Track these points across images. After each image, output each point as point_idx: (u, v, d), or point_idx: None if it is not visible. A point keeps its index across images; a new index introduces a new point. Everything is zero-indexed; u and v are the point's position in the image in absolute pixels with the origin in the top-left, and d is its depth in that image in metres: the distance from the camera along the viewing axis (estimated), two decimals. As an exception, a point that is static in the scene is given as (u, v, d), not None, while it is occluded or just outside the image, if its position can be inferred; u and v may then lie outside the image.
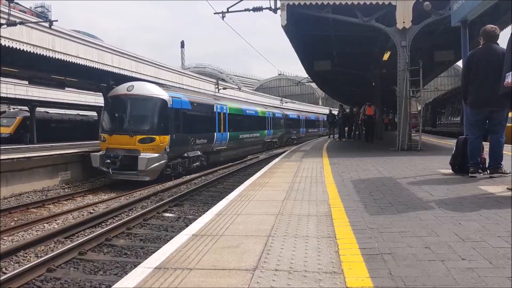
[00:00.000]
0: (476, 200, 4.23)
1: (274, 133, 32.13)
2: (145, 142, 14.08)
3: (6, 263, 6.21)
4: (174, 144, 15.00)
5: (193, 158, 17.12)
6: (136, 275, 2.46)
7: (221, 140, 20.45)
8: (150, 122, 14.67)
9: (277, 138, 33.36)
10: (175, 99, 15.70)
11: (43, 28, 17.01)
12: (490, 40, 5.55)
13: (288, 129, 36.82)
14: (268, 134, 30.31)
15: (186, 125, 16.27)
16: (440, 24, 13.73)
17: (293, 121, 39.21)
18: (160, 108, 14.87)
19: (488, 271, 2.28)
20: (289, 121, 37.22)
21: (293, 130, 39.01)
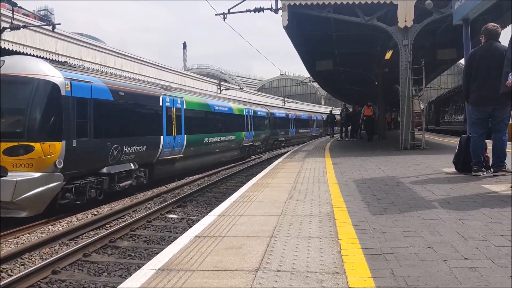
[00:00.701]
0: (479, 199, 4.22)
1: (256, 135, 26.14)
2: (15, 153, 8.66)
3: (12, 265, 6.24)
4: (76, 155, 9.56)
5: (119, 175, 11.26)
6: (140, 277, 2.47)
7: (173, 147, 14.46)
8: (25, 119, 9.06)
9: (260, 140, 27.46)
10: (78, 83, 9.90)
11: (46, 32, 17.11)
12: (492, 38, 5.56)
13: (274, 130, 31.26)
14: (247, 137, 24.18)
15: (103, 125, 10.72)
16: (442, 23, 13.71)
17: (280, 120, 33.56)
18: (47, 97, 9.26)
19: (490, 270, 2.28)
20: (275, 121, 31.87)
21: (280, 131, 33.36)
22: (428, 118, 34.36)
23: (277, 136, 33.02)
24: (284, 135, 35.03)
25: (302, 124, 41.83)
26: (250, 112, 25.16)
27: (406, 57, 12.28)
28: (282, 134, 34.11)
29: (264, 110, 29.57)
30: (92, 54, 20.21)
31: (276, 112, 33.15)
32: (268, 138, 30.01)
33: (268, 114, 30.06)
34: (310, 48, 18.13)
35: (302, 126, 41.62)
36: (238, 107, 23.49)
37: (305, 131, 42.64)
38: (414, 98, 12.66)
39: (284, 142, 34.83)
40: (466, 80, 5.73)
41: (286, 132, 35.42)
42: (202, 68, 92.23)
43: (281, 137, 34.07)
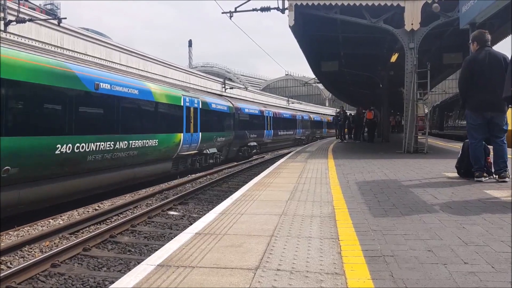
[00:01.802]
0: (480, 204, 4.20)
1: (207, 139, 17.76)
2: None
3: (11, 257, 6.27)
4: None
5: None
6: (139, 272, 2.47)
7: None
8: None
9: (215, 147, 19.20)
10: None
11: (52, 26, 17.16)
12: (484, 44, 5.60)
13: (241, 132, 23.06)
14: (188, 142, 15.75)
15: None
16: (448, 26, 13.68)
17: (252, 119, 25.46)
18: None
19: (490, 275, 2.27)
20: (244, 119, 23.80)
21: (251, 133, 24.69)
22: (432, 122, 34.24)
23: (246, 140, 24.04)
24: (257, 139, 26.05)
25: (283, 124, 33.07)
26: (194, 102, 16.59)
27: (412, 60, 12.25)
28: (253, 138, 25.10)
29: (224, 103, 21.19)
30: (98, 49, 20.27)
31: (244, 107, 24.60)
32: (232, 144, 21.74)
33: (232, 109, 21.84)
34: (316, 48, 18.11)
35: (283, 127, 33.04)
36: (167, 92, 14.50)
37: (286, 133, 34.00)
38: (418, 102, 12.63)
39: (257, 148, 26.37)
40: (465, 86, 5.70)
41: (260, 135, 26.59)
42: (207, 66, 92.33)
43: (252, 141, 24.94)
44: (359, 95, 32.97)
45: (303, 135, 40.33)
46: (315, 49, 18.14)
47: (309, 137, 42.22)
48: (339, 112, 24.03)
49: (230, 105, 22.13)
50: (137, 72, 21.33)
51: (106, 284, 5.26)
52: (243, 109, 24.20)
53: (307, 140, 40.10)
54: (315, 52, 18.60)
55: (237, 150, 23.17)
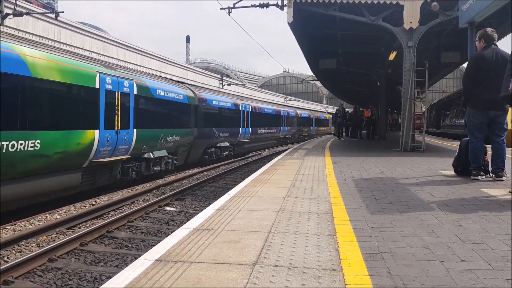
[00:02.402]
0: (477, 202, 4.23)
1: (147, 139, 13.00)
2: None
3: (8, 251, 6.26)
4: None
5: None
6: (137, 267, 2.48)
7: None
8: None
9: (166, 148, 14.48)
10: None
11: (49, 20, 17.06)
12: (491, 42, 5.57)
13: (205, 130, 18.03)
14: (107, 144, 10.97)
15: None
16: (447, 25, 13.69)
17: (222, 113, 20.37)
18: None
19: (487, 272, 2.29)
20: (211, 113, 18.98)
21: (221, 131, 19.83)
22: (429, 120, 34.33)
23: (214, 139, 19.14)
24: (230, 138, 21.22)
25: (265, 121, 28.34)
26: (123, 86, 11.69)
27: (410, 59, 12.26)
28: (225, 137, 20.31)
29: (181, 91, 15.86)
30: (95, 44, 20.17)
31: (213, 98, 19.47)
32: (193, 144, 16.92)
33: (193, 99, 16.89)
34: (314, 46, 18.09)
35: (265, 123, 28.21)
36: (63, 65, 9.52)
37: (269, 131, 28.90)
38: (416, 100, 12.66)
39: (230, 150, 21.35)
40: (470, 83, 5.65)
41: (233, 134, 21.70)
42: (205, 62, 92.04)
43: (223, 141, 20.29)
44: (356, 93, 33.01)
45: (288, 133, 35.68)
46: (314, 46, 18.12)
47: (295, 135, 38.34)
48: (338, 110, 23.97)
49: (191, 94, 16.76)
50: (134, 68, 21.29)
51: (103, 279, 5.27)
52: (210, 101, 18.97)
53: (292, 139, 37.03)
54: (314, 49, 18.58)
55: (202, 153, 18.30)
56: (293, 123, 37.29)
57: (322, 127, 51.13)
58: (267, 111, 29.20)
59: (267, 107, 30.24)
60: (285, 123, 34.12)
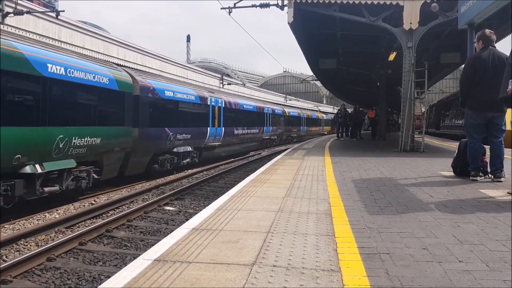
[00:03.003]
0: (476, 203, 4.23)
1: (24, 145, 7.96)
2: None
3: (7, 251, 6.26)
4: None
5: None
6: (136, 267, 2.48)
7: None
8: None
9: (74, 157, 9.48)
10: None
11: (49, 18, 17.06)
12: (489, 44, 5.59)
13: (152, 130, 13.53)
14: None
15: None
16: (447, 26, 13.69)
17: (181, 108, 15.78)
18: None
19: (484, 273, 2.29)
20: (164, 108, 14.48)
21: (179, 132, 15.25)
22: (428, 121, 34.35)
23: (167, 143, 14.39)
24: (194, 141, 16.53)
25: (244, 119, 23.49)
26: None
27: (410, 59, 12.27)
28: (185, 139, 15.65)
29: (104, 71, 11.05)
30: (95, 43, 20.18)
31: (166, 88, 14.62)
32: (133, 150, 12.42)
33: (129, 87, 12.10)
34: (314, 46, 18.10)
35: (244, 122, 23.35)
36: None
37: (248, 132, 24.14)
38: (415, 101, 12.67)
39: (194, 156, 16.98)
40: (467, 84, 5.67)
41: (199, 135, 17.02)
42: (205, 61, 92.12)
43: (183, 145, 15.66)
44: (356, 93, 33.01)
45: (273, 134, 30.66)
46: (314, 46, 18.13)
47: (282, 136, 33.89)
48: (340, 110, 23.95)
49: (124, 78, 11.75)
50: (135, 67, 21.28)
51: (102, 278, 5.27)
52: (161, 91, 13.97)
53: (279, 141, 32.97)
54: (314, 49, 18.59)
55: (150, 161, 13.59)
56: (279, 123, 32.46)
57: (314, 127, 46.78)
58: (247, 108, 24.24)
59: (247, 102, 25.11)
60: (269, 122, 29.06)
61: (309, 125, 44.09)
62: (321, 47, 18.63)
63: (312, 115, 47.54)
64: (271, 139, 30.70)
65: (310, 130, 44.26)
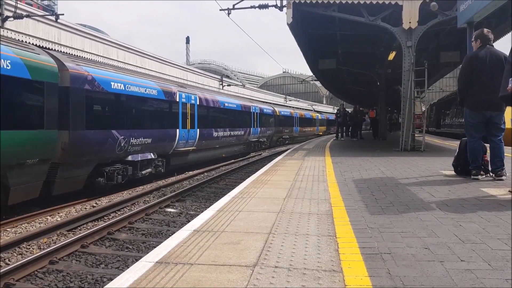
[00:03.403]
0: (477, 202, 4.23)
1: None
2: None
3: (9, 254, 6.26)
4: None
5: None
6: (138, 269, 2.49)
7: None
8: None
9: None
10: None
11: (49, 22, 17.08)
12: (487, 43, 5.59)
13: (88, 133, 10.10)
14: None
15: None
16: (446, 25, 13.70)
17: (135, 105, 12.42)
18: None
19: (486, 272, 2.29)
20: (105, 103, 11.19)
21: (132, 138, 11.87)
22: (429, 120, 34.33)
23: (115, 149, 11.21)
24: (156, 147, 13.46)
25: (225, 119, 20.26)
26: None
27: (409, 59, 12.27)
28: (143, 146, 12.61)
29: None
30: (95, 46, 20.20)
31: (111, 78, 11.32)
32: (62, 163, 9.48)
33: (43, 73, 8.64)
34: (314, 46, 18.11)
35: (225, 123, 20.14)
36: None
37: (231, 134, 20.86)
38: (416, 100, 12.67)
39: (158, 165, 13.81)
40: (465, 83, 5.67)
41: (163, 139, 13.95)
42: (205, 63, 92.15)
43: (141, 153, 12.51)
44: (356, 93, 33.02)
45: (262, 135, 27.36)
46: (313, 46, 18.14)
47: (272, 138, 30.93)
48: (339, 110, 23.89)
49: (44, 64, 8.80)
50: (134, 69, 21.28)
51: (104, 281, 5.27)
52: (105, 83, 10.90)
53: (269, 143, 30.01)
54: (313, 49, 18.60)
55: (92, 173, 10.63)
56: (269, 123, 29.42)
57: (308, 127, 43.42)
58: (229, 106, 20.88)
59: (229, 100, 21.74)
60: (257, 123, 25.81)
61: (303, 125, 41.33)
62: (321, 48, 18.64)
63: (306, 114, 44.39)
64: (260, 142, 27.29)
65: (304, 130, 41.68)
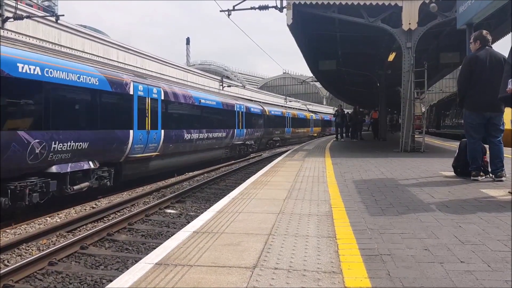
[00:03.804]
0: (477, 203, 4.23)
1: None
2: None
3: (8, 255, 6.26)
4: None
5: None
6: (137, 271, 2.48)
7: None
8: None
9: None
10: None
11: (49, 23, 17.10)
12: (486, 44, 5.60)
13: None
14: None
15: None
16: (446, 26, 13.71)
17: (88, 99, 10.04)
18: None
19: (486, 274, 2.29)
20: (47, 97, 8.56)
21: (55, 141, 8.67)
22: (429, 121, 34.33)
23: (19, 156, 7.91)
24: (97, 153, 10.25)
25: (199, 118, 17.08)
26: None
27: (409, 60, 12.28)
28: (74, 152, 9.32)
29: None
30: (95, 47, 20.22)
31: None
32: None
33: None
34: (314, 47, 18.12)
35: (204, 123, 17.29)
36: None
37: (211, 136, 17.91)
38: (415, 101, 12.67)
39: (104, 178, 10.88)
40: (465, 84, 5.67)
41: (108, 142, 10.78)
42: (205, 64, 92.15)
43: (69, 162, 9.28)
44: (356, 94, 33.03)
45: (249, 138, 23.99)
46: (313, 48, 18.15)
47: (261, 140, 27.63)
48: (337, 111, 23.83)
49: None
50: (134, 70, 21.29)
51: (103, 282, 5.27)
52: (8, 64, 7.75)
53: (258, 146, 26.54)
54: (313, 51, 18.61)
55: None
56: (257, 124, 25.90)
57: (301, 128, 40.54)
58: (206, 104, 17.66)
59: (207, 96, 18.28)
60: (242, 124, 22.47)
61: (296, 126, 38.02)
62: (321, 49, 18.66)
63: (299, 114, 41.28)
64: (246, 145, 23.78)
65: (297, 132, 38.50)
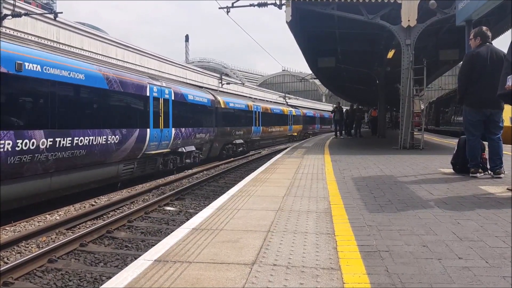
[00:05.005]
0: (475, 200, 4.24)
1: None
2: None
3: (8, 253, 6.27)
4: None
5: None
6: (136, 267, 2.49)
7: None
8: None
9: None
10: None
11: (48, 20, 17.04)
12: (486, 40, 5.59)
13: None
14: None
15: None
16: (445, 23, 13.70)
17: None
18: None
19: (484, 270, 2.30)
20: None
21: None
22: (428, 118, 34.33)
23: None
24: None
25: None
26: None
27: (408, 57, 12.27)
28: None
29: None
30: (94, 44, 20.16)
31: None
32: None
33: None
34: (313, 44, 18.10)
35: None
36: None
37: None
38: (414, 98, 12.67)
39: None
40: (465, 81, 5.66)
41: None
42: (204, 61, 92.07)
43: None
44: (355, 91, 33.00)
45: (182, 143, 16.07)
46: (312, 45, 18.12)
47: (212, 145, 19.80)
48: (335, 108, 23.75)
49: None
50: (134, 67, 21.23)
51: (103, 279, 5.28)
52: None
53: (206, 156, 18.91)
54: (312, 48, 18.58)
55: None
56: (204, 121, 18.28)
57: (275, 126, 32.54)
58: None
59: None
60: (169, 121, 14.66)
61: (268, 124, 29.87)
62: (320, 46, 18.63)
63: (274, 109, 32.37)
64: (180, 154, 15.70)
65: (270, 131, 30.54)
